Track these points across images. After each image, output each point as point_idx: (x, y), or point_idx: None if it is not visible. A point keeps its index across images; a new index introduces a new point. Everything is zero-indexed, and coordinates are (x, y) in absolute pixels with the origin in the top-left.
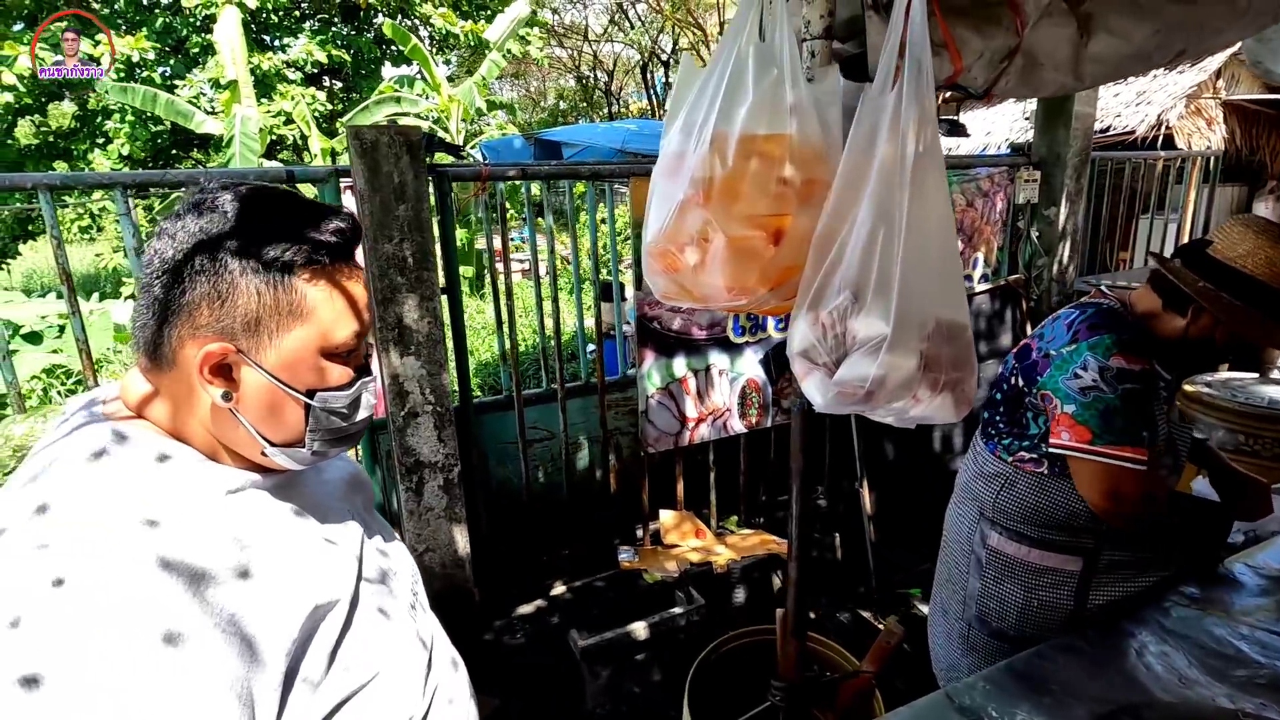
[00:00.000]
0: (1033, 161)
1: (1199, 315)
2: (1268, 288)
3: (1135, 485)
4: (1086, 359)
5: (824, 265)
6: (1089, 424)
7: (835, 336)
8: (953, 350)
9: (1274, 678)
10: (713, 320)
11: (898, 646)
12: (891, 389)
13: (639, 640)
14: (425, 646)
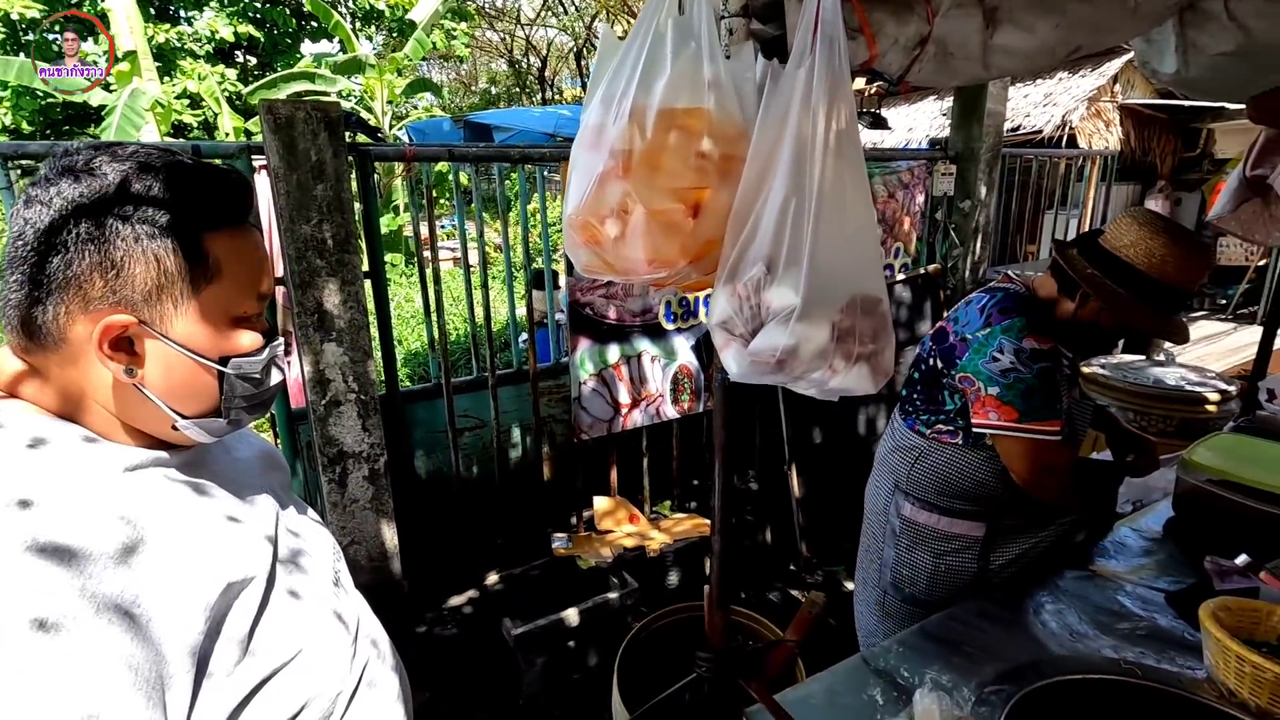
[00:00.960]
0: (949, 156)
1: (1086, 300)
2: (1145, 276)
3: (1059, 455)
4: (1001, 342)
5: (740, 238)
6: (1014, 404)
7: (751, 308)
8: (868, 323)
9: (1152, 629)
10: (645, 307)
11: (819, 615)
12: (805, 359)
13: (573, 626)
14: (349, 626)
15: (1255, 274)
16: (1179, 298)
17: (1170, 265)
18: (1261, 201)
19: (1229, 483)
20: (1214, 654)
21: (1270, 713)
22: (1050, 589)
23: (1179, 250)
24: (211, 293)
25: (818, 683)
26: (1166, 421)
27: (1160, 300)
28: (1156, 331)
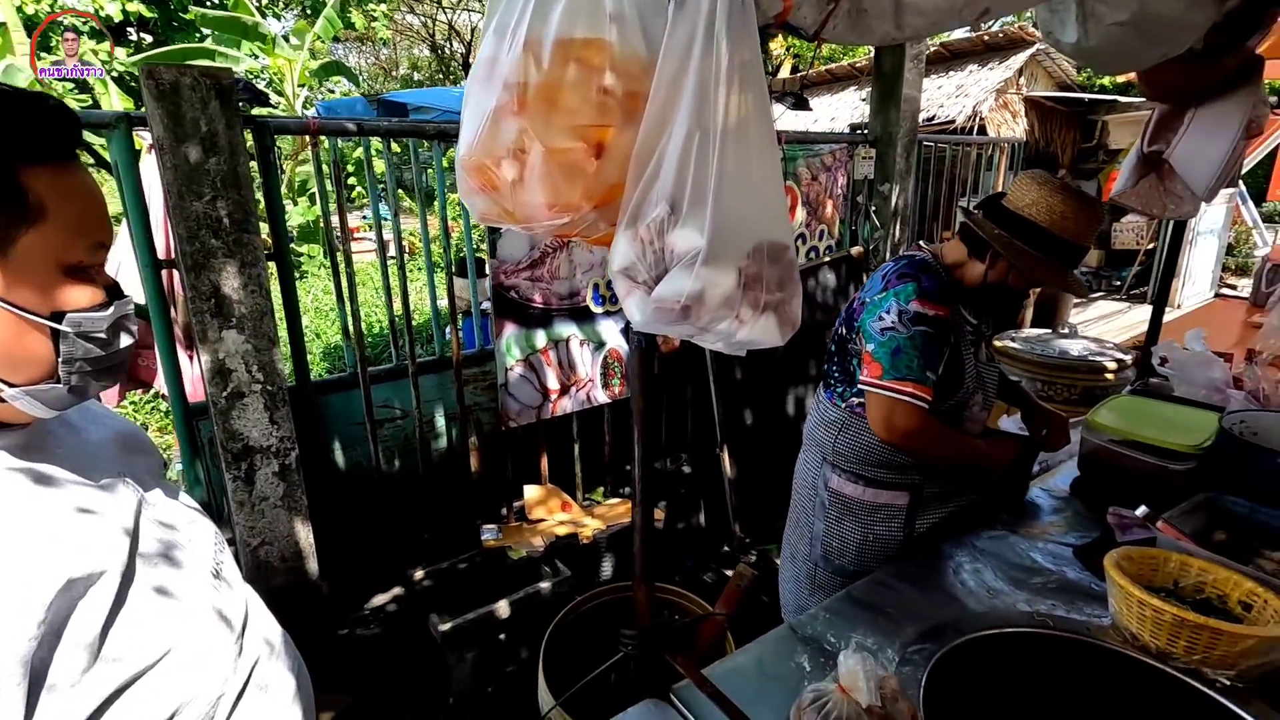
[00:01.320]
0: (869, 140)
1: (996, 260)
2: (1047, 232)
3: (910, 419)
4: (890, 304)
5: (642, 178)
6: (881, 360)
7: (654, 252)
8: (775, 270)
9: (1062, 582)
10: (572, 290)
11: (749, 588)
12: (711, 306)
13: (503, 618)
14: (232, 624)
15: (1145, 257)
16: (1077, 251)
17: (1069, 220)
18: (1156, 176)
19: (1128, 441)
20: (1118, 601)
21: (1169, 653)
22: (968, 549)
23: (1075, 206)
24: (35, 237)
25: (746, 654)
26: (1070, 390)
27: (1062, 254)
28: (1059, 284)
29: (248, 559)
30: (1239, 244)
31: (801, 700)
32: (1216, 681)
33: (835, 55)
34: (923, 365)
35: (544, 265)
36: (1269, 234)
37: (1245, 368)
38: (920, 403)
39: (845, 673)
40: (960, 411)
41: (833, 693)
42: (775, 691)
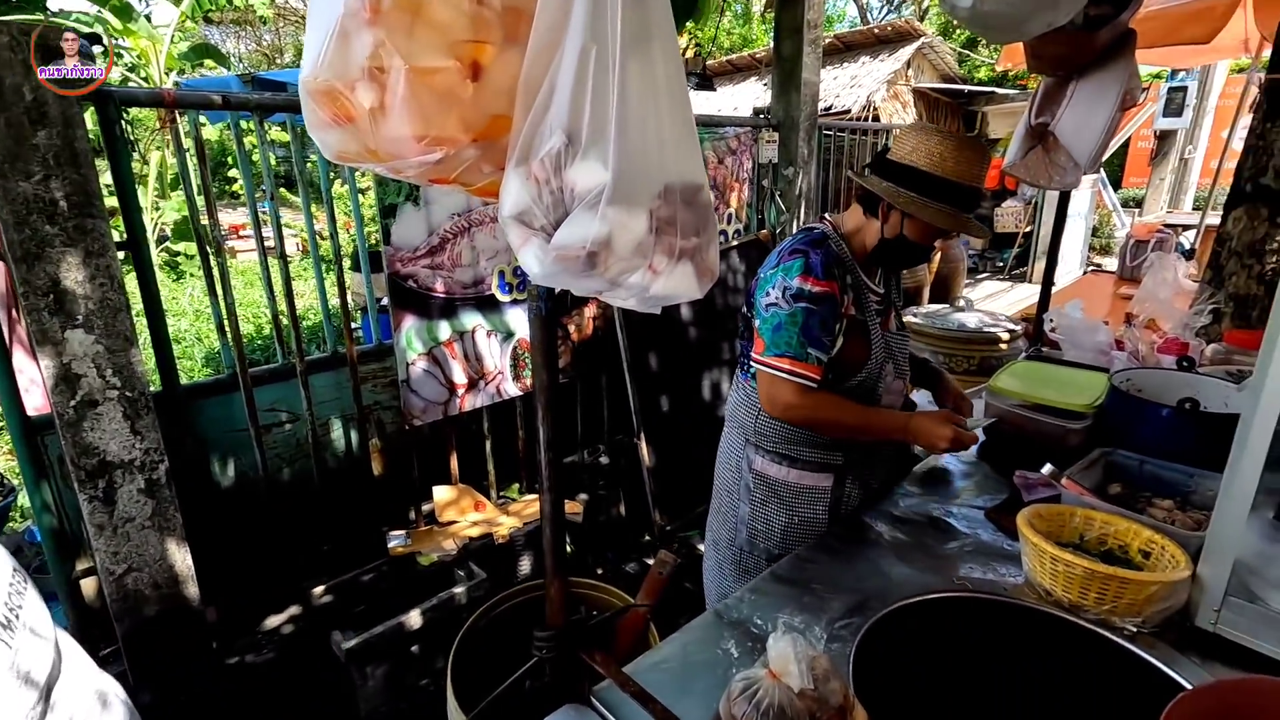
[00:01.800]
0: (772, 124)
1: (889, 214)
2: (931, 176)
3: (789, 394)
4: (777, 279)
5: (533, 107)
6: (763, 336)
7: (552, 192)
8: (690, 214)
9: (977, 544)
10: (476, 278)
11: (671, 576)
12: (621, 253)
13: (415, 629)
14: (31, 681)
15: (1024, 239)
16: (966, 192)
17: (950, 161)
18: (1043, 148)
19: (1029, 404)
20: (1031, 558)
21: (1080, 605)
22: (886, 518)
23: (953, 146)
24: None
25: (670, 645)
26: (969, 360)
27: (950, 196)
28: (957, 227)
29: (113, 589)
30: (1102, 226)
31: (731, 690)
32: (1124, 629)
33: (736, 46)
34: (803, 341)
35: (444, 252)
36: (1127, 216)
37: (1124, 330)
38: (799, 379)
39: (775, 657)
40: (874, 385)
41: (763, 679)
42: (703, 682)
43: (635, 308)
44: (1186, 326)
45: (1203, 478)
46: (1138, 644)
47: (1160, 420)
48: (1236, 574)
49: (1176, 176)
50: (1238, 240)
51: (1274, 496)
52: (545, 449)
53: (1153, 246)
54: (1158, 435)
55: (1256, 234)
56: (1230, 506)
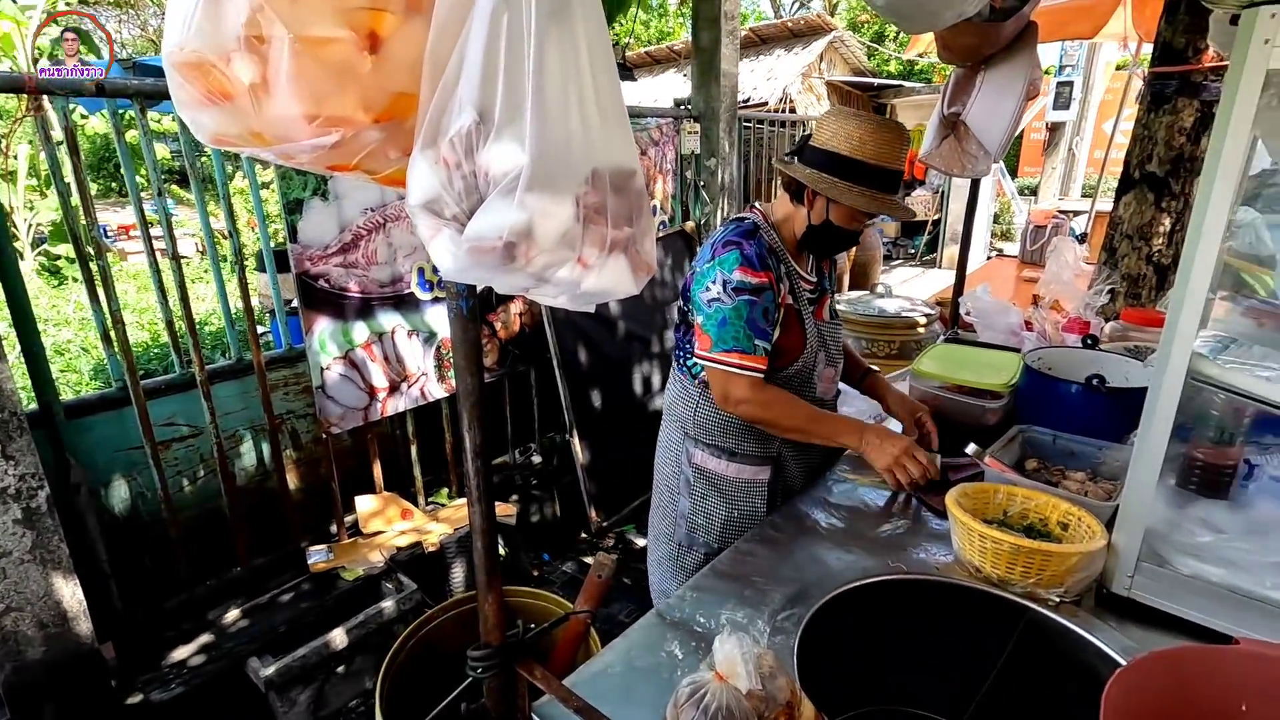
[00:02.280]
0: (693, 115)
1: (814, 200)
2: (852, 160)
3: (743, 389)
4: (716, 273)
5: (440, 83)
6: (710, 333)
7: (464, 177)
8: (621, 201)
9: (910, 526)
10: (394, 276)
11: (611, 578)
12: (544, 244)
13: (340, 649)
14: None
15: (933, 226)
16: (888, 175)
17: (869, 145)
18: (955, 137)
19: (949, 385)
20: (960, 536)
21: (1007, 579)
22: (822, 505)
23: (873, 129)
24: None
25: (613, 651)
26: (890, 345)
27: (871, 179)
28: (879, 209)
29: None
30: (1002, 213)
31: (678, 696)
32: (1049, 599)
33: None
34: (749, 335)
35: (357, 249)
36: (1024, 204)
37: (1032, 312)
38: (751, 373)
39: (722, 659)
40: (809, 374)
41: (710, 682)
42: (648, 687)
43: (566, 305)
44: (1087, 306)
45: (1110, 449)
46: (1061, 613)
47: (1070, 396)
48: (1147, 541)
49: (1066, 166)
50: (1128, 224)
51: (1177, 465)
52: (473, 457)
53: (1050, 232)
54: (1068, 411)
55: (1144, 218)
56: (1140, 476)
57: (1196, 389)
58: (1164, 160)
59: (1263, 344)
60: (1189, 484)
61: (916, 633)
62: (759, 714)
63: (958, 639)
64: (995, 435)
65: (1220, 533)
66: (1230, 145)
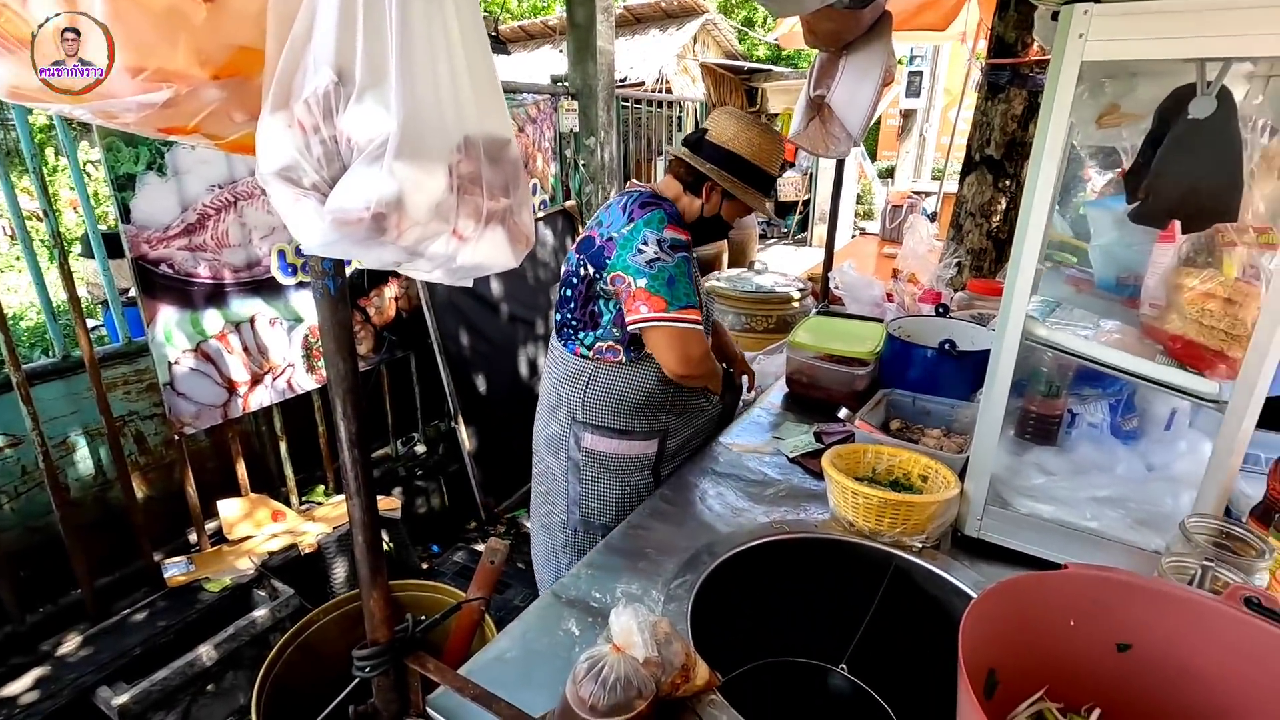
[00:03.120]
0: (570, 92)
1: (711, 193)
2: (750, 164)
3: (699, 344)
4: (645, 234)
5: (289, 38)
6: (661, 293)
7: (324, 142)
8: (497, 171)
9: (790, 488)
10: (251, 259)
11: (504, 564)
12: (417, 215)
13: (209, 666)
14: None
15: (803, 206)
16: (771, 179)
17: (764, 152)
18: (820, 120)
19: (822, 355)
20: (835, 494)
21: (877, 531)
22: (709, 476)
23: (769, 138)
24: None
25: (509, 635)
26: (768, 319)
27: (762, 182)
28: (761, 208)
29: None
30: (864, 194)
31: (576, 672)
32: (913, 546)
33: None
34: (692, 290)
35: (205, 230)
36: (883, 186)
37: (893, 284)
38: (701, 327)
39: (619, 631)
40: None
41: (608, 655)
42: (547, 667)
43: (442, 280)
44: (939, 278)
45: (961, 407)
46: (923, 557)
47: (926, 360)
48: (992, 486)
49: (918, 150)
50: (971, 203)
51: (1014, 418)
52: (349, 447)
53: (905, 211)
54: (925, 374)
55: (985, 197)
56: (985, 429)
57: (1030, 349)
58: (1000, 144)
59: (1080, 308)
60: (1024, 434)
61: (800, 587)
62: (656, 680)
63: (836, 589)
64: (864, 400)
65: (1051, 475)
66: (1053, 130)
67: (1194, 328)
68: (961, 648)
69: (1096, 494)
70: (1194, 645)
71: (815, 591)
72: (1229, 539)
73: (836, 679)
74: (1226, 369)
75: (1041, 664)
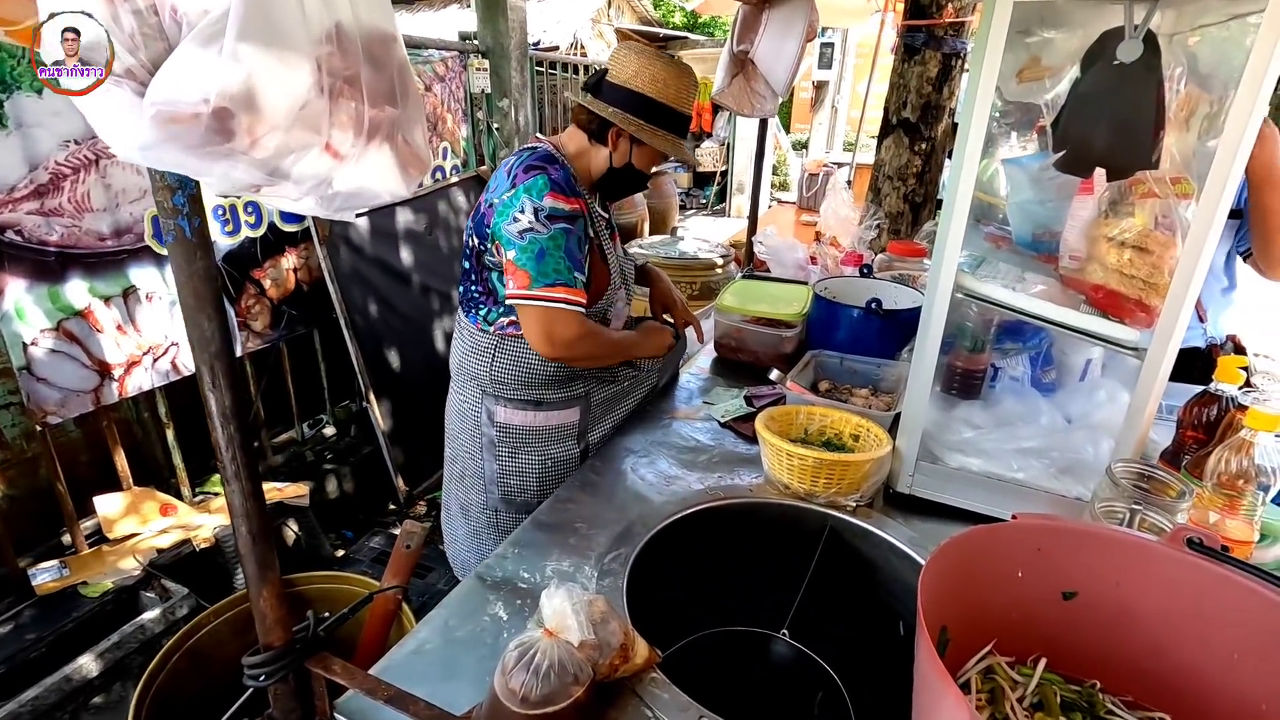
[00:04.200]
0: (480, 50)
1: (618, 140)
2: (656, 102)
3: (569, 326)
4: (523, 201)
5: None
6: (527, 268)
7: (138, 13)
8: (379, 76)
9: (722, 454)
10: (120, 226)
11: (422, 547)
12: (274, 117)
13: (92, 678)
14: None
15: (722, 177)
16: (684, 119)
17: (671, 88)
18: (744, 77)
19: (749, 318)
20: (769, 457)
21: (812, 492)
22: (639, 443)
23: (674, 72)
24: None
25: (429, 625)
26: (692, 285)
27: (673, 122)
28: (680, 154)
29: None
30: (779, 165)
31: (505, 662)
32: (847, 505)
33: None
34: (569, 266)
35: (60, 192)
36: (797, 157)
37: (815, 248)
38: (576, 308)
39: (550, 614)
40: (607, 312)
41: (540, 640)
42: (473, 656)
43: (317, 211)
44: (860, 240)
45: (887, 365)
46: (858, 516)
47: (853, 320)
48: (923, 443)
49: (830, 122)
50: (889, 166)
51: (942, 374)
52: (223, 424)
53: (822, 180)
54: (852, 334)
55: (901, 160)
56: (917, 385)
57: (957, 303)
58: (915, 107)
59: (1003, 262)
60: (951, 389)
61: (737, 554)
62: (593, 663)
63: (773, 554)
64: (792, 362)
65: (978, 429)
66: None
67: (1115, 277)
68: (921, 609)
69: (1022, 445)
70: (1136, 587)
71: (753, 558)
72: (1150, 482)
73: (779, 645)
74: (1145, 317)
75: (990, 618)
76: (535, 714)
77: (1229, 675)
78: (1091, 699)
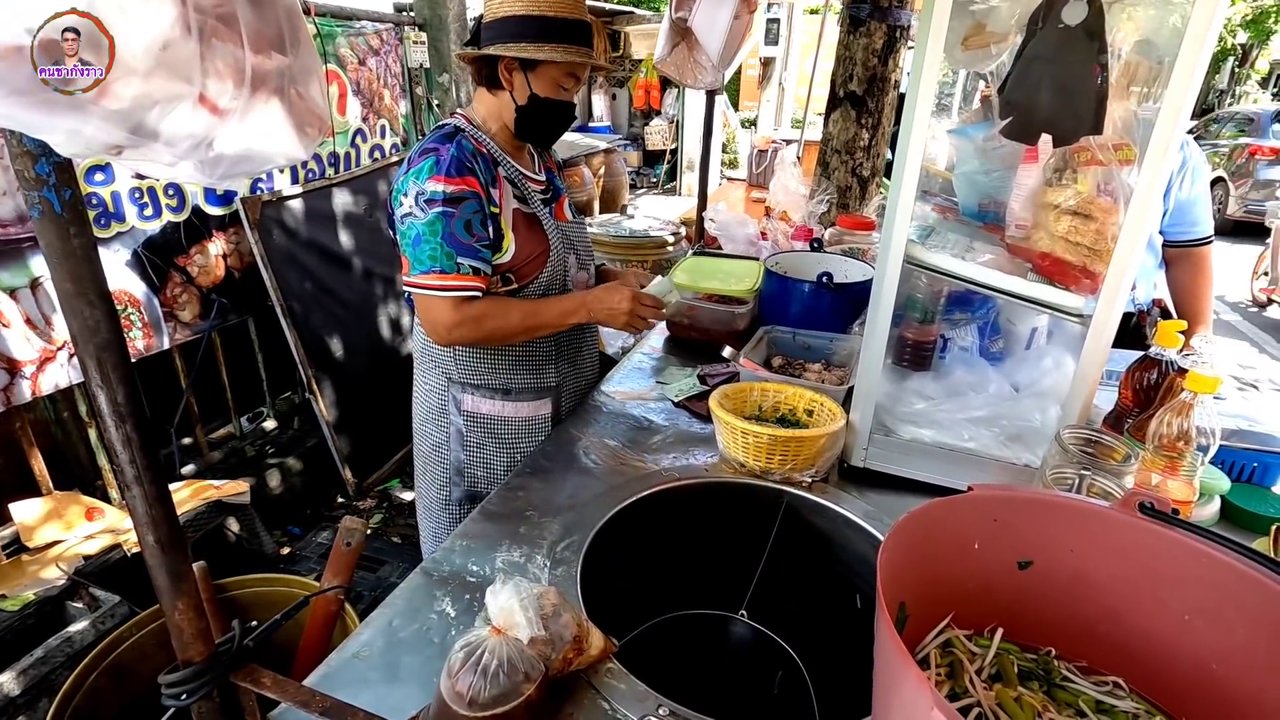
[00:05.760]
0: (417, 23)
1: (512, 76)
2: (530, 17)
3: (446, 311)
4: (408, 185)
5: None
6: (405, 253)
7: None
8: (261, 18)
9: (677, 433)
10: (21, 211)
11: (363, 544)
12: (130, 59)
13: (14, 696)
14: None
15: (672, 155)
16: (575, 26)
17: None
18: (686, 46)
19: (703, 294)
20: (724, 435)
21: (768, 469)
22: (591, 425)
23: None
24: None
25: (372, 626)
26: (644, 263)
27: (560, 31)
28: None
29: None
30: (729, 143)
31: (451, 664)
32: (803, 481)
33: None
34: (449, 252)
35: None
36: (746, 134)
37: (766, 223)
38: (453, 293)
39: (497, 611)
40: (562, 281)
41: (487, 639)
42: (418, 658)
43: (198, 179)
44: (810, 215)
45: (839, 339)
46: (813, 491)
47: (805, 295)
48: (876, 415)
49: (778, 98)
50: (837, 139)
51: (893, 346)
52: (116, 423)
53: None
54: (803, 308)
55: (849, 134)
56: (870, 359)
57: (908, 274)
58: (862, 80)
59: (951, 232)
60: (902, 361)
61: (694, 536)
62: (545, 658)
63: (730, 534)
64: (745, 339)
65: (929, 400)
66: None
67: (1061, 244)
68: (880, 587)
69: (972, 415)
70: (1089, 554)
71: (709, 539)
72: (1096, 447)
73: (737, 626)
74: (1090, 284)
75: (947, 590)
76: (484, 715)
77: (1182, 637)
78: (1048, 666)
